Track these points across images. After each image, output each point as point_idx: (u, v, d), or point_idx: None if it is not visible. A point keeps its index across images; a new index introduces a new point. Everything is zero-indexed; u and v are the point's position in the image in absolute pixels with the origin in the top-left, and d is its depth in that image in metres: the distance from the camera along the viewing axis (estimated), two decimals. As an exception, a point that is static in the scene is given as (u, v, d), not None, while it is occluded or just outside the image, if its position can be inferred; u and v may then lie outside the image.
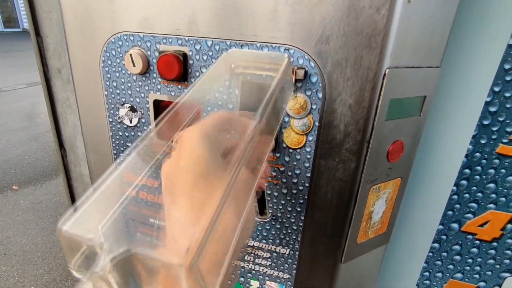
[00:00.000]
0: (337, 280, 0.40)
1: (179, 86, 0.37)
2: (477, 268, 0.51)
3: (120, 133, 0.42)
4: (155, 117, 0.39)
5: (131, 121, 0.41)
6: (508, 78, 0.40)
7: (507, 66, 0.39)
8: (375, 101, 0.31)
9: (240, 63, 0.30)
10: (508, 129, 0.42)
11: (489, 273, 0.51)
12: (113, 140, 0.43)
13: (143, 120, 0.40)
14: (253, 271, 0.44)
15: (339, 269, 0.40)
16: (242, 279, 0.46)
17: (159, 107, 0.39)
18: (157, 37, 0.35)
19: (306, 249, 0.40)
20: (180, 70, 0.35)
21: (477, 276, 0.52)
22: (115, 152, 0.44)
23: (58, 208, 1.85)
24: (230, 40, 0.33)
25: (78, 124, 0.63)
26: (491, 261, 0.50)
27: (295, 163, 0.35)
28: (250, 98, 0.33)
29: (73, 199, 0.69)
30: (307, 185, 0.36)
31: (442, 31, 0.32)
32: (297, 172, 0.36)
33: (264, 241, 0.41)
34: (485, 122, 0.42)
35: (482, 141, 0.43)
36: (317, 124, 0.33)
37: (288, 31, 0.31)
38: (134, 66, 0.36)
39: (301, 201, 0.37)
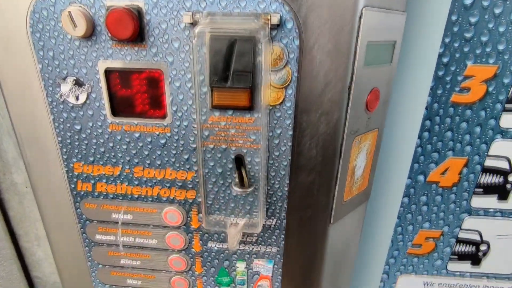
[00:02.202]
0: (327, 243, 0.39)
1: (136, 49, 0.32)
2: (441, 214, 0.55)
3: (65, 115, 0.35)
4: (109, 90, 0.34)
5: (77, 98, 0.34)
6: (455, 29, 0.43)
7: (453, 18, 0.42)
8: (353, 44, 0.30)
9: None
10: (459, 78, 0.45)
11: (451, 216, 0.55)
12: (56, 125, 0.36)
13: (93, 95, 0.34)
14: (238, 252, 0.41)
15: (328, 232, 0.39)
16: (226, 262, 0.42)
17: (112, 77, 0.33)
18: (102, -10, 0.30)
19: (293, 216, 0.38)
20: (136, 28, 0.30)
21: (441, 222, 0.55)
22: (60, 139, 0.37)
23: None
24: (192, -12, 0.29)
25: (2, 119, 0.52)
26: (452, 205, 0.54)
27: (275, 121, 0.33)
28: (220, 55, 0.30)
29: (5, 216, 0.58)
30: (289, 144, 0.34)
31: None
32: (278, 131, 0.33)
33: (248, 215, 0.38)
34: (440, 73, 0.45)
35: (439, 92, 0.46)
36: (295, 75, 0.31)
37: (257, -27, 0.28)
38: (75, 27, 0.30)
39: (285, 163, 0.35)
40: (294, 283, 0.42)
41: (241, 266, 0.42)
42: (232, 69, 0.30)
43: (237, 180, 0.35)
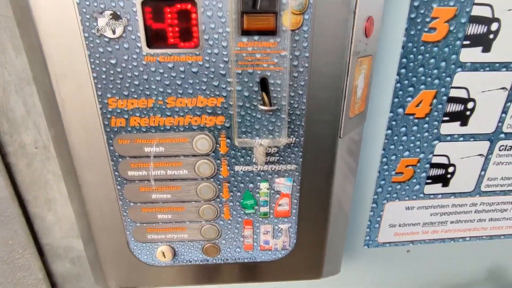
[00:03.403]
0: (336, 156, 0.46)
1: (172, -20, 0.36)
2: (418, 143, 0.65)
3: (101, 50, 0.38)
4: (144, 22, 0.37)
5: (114, 32, 0.37)
6: (422, -24, 0.51)
7: (421, -33, 0.51)
8: (356, -27, 0.36)
9: None
10: (427, 19, 0.54)
11: (425, 144, 0.65)
12: (92, 60, 0.38)
13: (129, 29, 0.37)
14: (262, 173, 0.47)
15: (337, 145, 0.46)
16: (251, 185, 0.48)
17: (147, 9, 0.37)
18: None
19: (309, 132, 0.44)
20: (172, -40, 0.34)
21: (418, 149, 0.66)
22: (95, 75, 0.39)
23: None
24: None
25: (9, 76, 0.52)
26: (426, 133, 0.64)
27: (294, 45, 0.39)
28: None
29: (13, 182, 0.57)
30: (306, 65, 0.40)
31: None
32: (297, 53, 0.39)
33: (271, 136, 0.44)
34: (412, 16, 0.54)
35: (412, 32, 0.55)
36: (311, 1, 0.37)
37: None
38: None
39: (302, 83, 0.41)
40: (309, 198, 0.49)
41: (264, 186, 0.48)
42: (260, -5, 0.35)
43: (265, 100, 0.41)
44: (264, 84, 0.40)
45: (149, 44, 0.38)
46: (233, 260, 0.54)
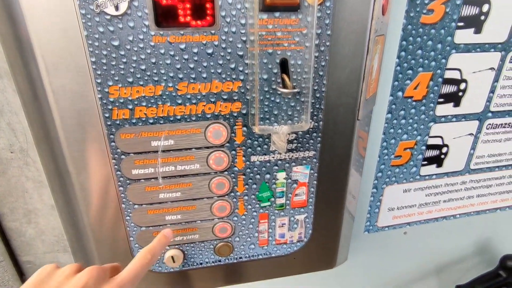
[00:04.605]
0: (354, 139, 0.45)
1: None
2: (415, 125, 0.66)
3: (101, 29, 0.33)
4: (152, -4, 0.32)
5: (117, 8, 0.32)
6: (421, -42, 0.51)
7: None
8: None
9: None
10: (426, 1, 0.55)
11: (422, 126, 0.66)
12: (90, 42, 0.33)
13: (135, 4, 0.32)
14: (279, 162, 0.44)
15: (355, 128, 0.44)
16: (267, 176, 0.45)
17: (156, -18, 0.32)
18: None
19: (328, 116, 0.42)
20: None
21: (415, 132, 0.67)
22: (94, 60, 0.34)
23: None
24: None
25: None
26: (423, 116, 0.65)
27: (316, 22, 0.36)
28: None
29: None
30: (327, 44, 0.38)
31: None
32: (319, 31, 0.37)
33: (290, 121, 0.41)
34: (412, -3, 0.54)
35: (411, 14, 0.55)
36: (334, -25, 0.35)
37: None
38: None
39: (323, 64, 0.39)
40: (326, 186, 0.47)
41: (281, 176, 0.45)
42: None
43: (286, 82, 0.38)
44: (284, 65, 0.38)
45: (158, 23, 0.34)
46: (247, 258, 0.51)
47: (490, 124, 0.70)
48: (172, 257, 0.47)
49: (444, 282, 0.90)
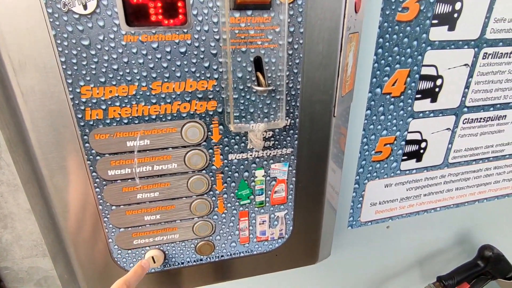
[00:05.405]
0: (330, 136, 0.46)
1: None
2: (394, 121, 0.67)
3: (69, 29, 0.32)
4: (121, -5, 0.32)
5: (85, 7, 0.32)
6: (395, -44, 0.52)
7: None
8: None
9: None
10: (400, -1, 0.56)
11: (401, 122, 0.68)
12: (59, 42, 0.33)
13: (104, 3, 0.32)
14: (257, 160, 0.44)
15: (331, 125, 0.45)
16: (246, 174, 0.45)
17: (125, -19, 0.32)
18: None
19: (304, 113, 0.43)
20: None
21: (394, 128, 0.68)
22: (63, 60, 0.33)
23: None
24: None
25: None
26: (401, 112, 0.67)
27: (288, 20, 0.37)
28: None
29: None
30: (301, 41, 0.38)
31: None
32: (292, 29, 0.37)
33: (266, 119, 0.41)
34: (387, -5, 0.55)
35: (387, 12, 0.56)
36: (305, -27, 0.35)
37: None
38: None
39: (297, 61, 0.39)
40: (305, 182, 0.48)
41: (259, 174, 0.45)
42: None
43: (260, 80, 0.38)
44: (258, 63, 0.38)
45: (129, 21, 0.33)
46: (228, 256, 0.51)
47: (466, 119, 0.72)
48: (153, 257, 0.46)
49: (426, 273, 0.92)
